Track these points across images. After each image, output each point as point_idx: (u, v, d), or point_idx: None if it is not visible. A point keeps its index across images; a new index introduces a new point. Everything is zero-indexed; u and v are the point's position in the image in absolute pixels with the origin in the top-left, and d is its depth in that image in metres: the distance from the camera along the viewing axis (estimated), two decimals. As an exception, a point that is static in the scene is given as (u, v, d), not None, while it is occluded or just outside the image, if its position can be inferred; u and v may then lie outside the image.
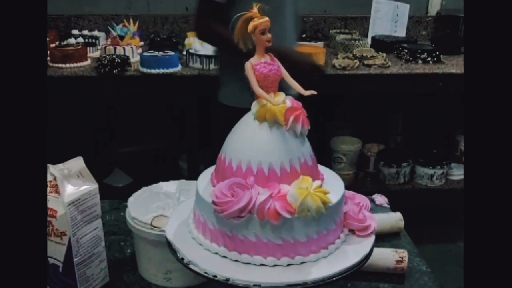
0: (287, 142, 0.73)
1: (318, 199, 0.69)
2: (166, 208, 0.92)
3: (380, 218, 1.02)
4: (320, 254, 0.72)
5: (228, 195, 0.69)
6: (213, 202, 0.70)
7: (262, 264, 0.71)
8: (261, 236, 0.70)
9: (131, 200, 0.95)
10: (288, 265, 0.71)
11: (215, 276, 0.70)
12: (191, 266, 0.72)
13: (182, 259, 0.74)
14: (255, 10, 0.71)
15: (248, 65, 0.73)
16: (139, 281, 0.91)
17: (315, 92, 0.73)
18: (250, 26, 0.71)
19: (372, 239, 0.77)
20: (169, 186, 0.99)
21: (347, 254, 0.74)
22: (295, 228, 0.70)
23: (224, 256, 0.72)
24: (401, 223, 1.08)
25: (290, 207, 0.69)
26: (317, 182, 0.72)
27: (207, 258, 0.73)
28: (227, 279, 0.69)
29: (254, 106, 0.74)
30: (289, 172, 0.72)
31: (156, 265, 0.89)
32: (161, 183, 1.00)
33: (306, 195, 0.68)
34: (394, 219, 1.08)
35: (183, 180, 1.01)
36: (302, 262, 0.71)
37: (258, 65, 0.73)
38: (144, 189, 0.99)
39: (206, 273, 0.71)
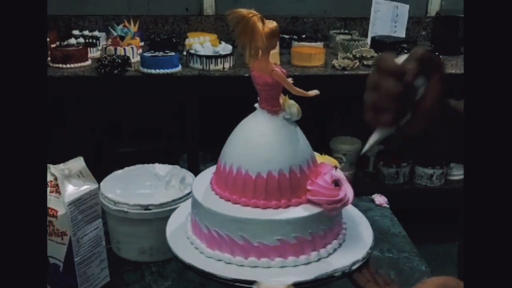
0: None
1: None
2: (153, 188, 0.99)
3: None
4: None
5: (333, 187, 0.74)
6: (329, 202, 0.72)
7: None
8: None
9: (118, 173, 1.04)
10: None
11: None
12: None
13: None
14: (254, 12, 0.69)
15: (278, 71, 0.71)
16: (140, 281, 0.92)
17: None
18: (267, 29, 0.69)
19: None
20: (162, 169, 1.04)
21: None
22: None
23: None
24: None
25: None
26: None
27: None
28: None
29: (291, 108, 0.74)
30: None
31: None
32: (156, 165, 1.05)
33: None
34: None
35: (177, 166, 1.05)
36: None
37: (280, 68, 0.73)
38: (138, 166, 1.05)
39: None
